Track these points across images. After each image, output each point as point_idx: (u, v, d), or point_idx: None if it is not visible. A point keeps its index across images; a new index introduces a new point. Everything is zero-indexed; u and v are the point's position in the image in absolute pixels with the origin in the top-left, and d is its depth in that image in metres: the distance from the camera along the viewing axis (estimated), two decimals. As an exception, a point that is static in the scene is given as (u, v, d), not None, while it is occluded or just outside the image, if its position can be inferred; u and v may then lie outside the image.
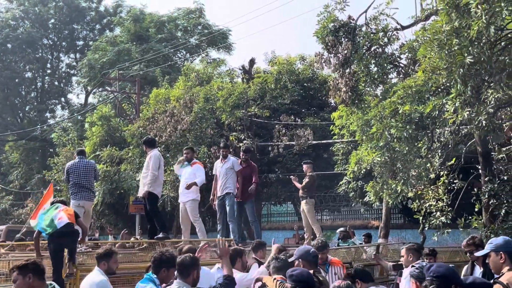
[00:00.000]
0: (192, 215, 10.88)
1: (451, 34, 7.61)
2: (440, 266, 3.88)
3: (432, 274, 3.78)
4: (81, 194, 9.84)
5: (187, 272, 5.02)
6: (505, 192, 11.98)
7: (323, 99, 23.48)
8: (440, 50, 7.72)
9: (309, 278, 4.44)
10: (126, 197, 23.91)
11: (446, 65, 7.90)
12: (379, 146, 10.93)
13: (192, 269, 5.02)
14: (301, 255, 5.36)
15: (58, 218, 7.93)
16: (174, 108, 18.10)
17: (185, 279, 5.01)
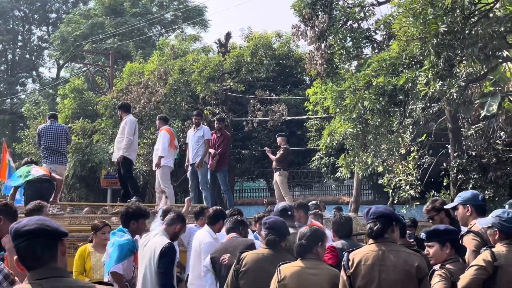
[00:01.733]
0: (162, 181, 10.84)
1: (426, 4, 7.72)
2: (379, 207, 3.97)
3: (373, 216, 3.86)
4: (52, 157, 9.74)
5: (172, 222, 5.16)
6: (473, 167, 12.29)
7: (298, 76, 23.59)
8: (415, 20, 7.83)
9: (282, 227, 4.50)
10: (98, 171, 23.69)
11: (420, 35, 8.02)
12: (352, 118, 11.08)
13: (177, 222, 5.17)
14: (275, 211, 5.46)
15: (34, 170, 7.98)
16: (148, 80, 17.97)
17: (168, 228, 5.17)
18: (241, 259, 4.53)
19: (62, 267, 2.55)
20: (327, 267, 4.08)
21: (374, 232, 3.79)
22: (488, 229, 4.17)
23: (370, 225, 3.82)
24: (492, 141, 13.03)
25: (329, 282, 3.93)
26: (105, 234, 6.56)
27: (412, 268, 3.67)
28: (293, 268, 4.01)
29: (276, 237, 4.44)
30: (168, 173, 11.07)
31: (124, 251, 5.56)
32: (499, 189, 12.04)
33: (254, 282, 4.20)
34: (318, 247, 4.10)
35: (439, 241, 4.15)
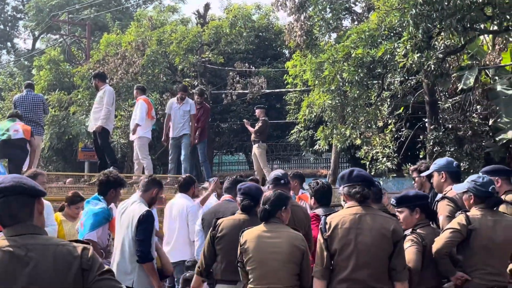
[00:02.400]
0: (140, 152, 10.79)
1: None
2: (361, 170, 3.99)
3: (357, 179, 3.88)
4: (28, 128, 9.56)
5: (148, 187, 5.13)
6: (449, 140, 12.45)
7: (278, 49, 23.47)
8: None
9: (257, 193, 4.49)
10: (75, 143, 23.45)
11: (399, 5, 8.01)
12: (330, 90, 11.10)
13: (153, 187, 5.14)
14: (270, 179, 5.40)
15: (14, 130, 7.83)
16: (126, 51, 17.70)
17: (144, 195, 5.14)
18: (217, 225, 4.56)
19: (39, 225, 2.52)
20: (288, 230, 4.10)
21: (363, 196, 3.81)
22: (464, 194, 4.24)
23: (356, 188, 3.83)
24: (468, 114, 13.19)
25: (288, 245, 3.96)
26: (79, 208, 6.54)
27: (388, 231, 3.72)
28: (255, 233, 4.06)
29: (250, 202, 4.47)
30: (146, 144, 11.01)
31: (99, 218, 5.52)
32: (474, 161, 12.23)
33: (230, 247, 4.23)
34: (282, 211, 4.14)
35: (409, 206, 4.23)
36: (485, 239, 3.98)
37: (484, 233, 3.99)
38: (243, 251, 4.06)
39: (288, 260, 3.95)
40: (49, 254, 2.42)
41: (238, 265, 4.13)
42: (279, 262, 3.94)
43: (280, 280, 3.94)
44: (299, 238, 4.05)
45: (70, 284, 2.43)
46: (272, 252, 3.96)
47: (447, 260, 3.97)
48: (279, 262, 3.94)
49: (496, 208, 4.18)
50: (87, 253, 2.49)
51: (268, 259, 3.96)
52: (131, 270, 4.97)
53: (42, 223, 2.58)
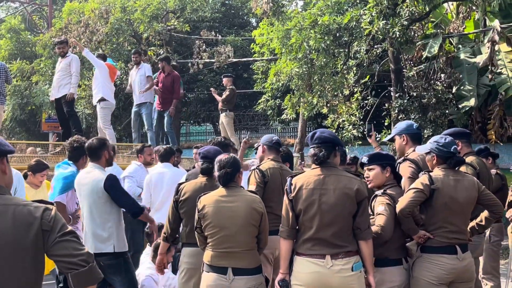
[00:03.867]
0: (103, 121, 10.62)
1: None
2: (324, 132, 3.99)
3: (318, 141, 3.90)
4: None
5: (97, 154, 5.03)
6: (413, 107, 12.62)
7: (244, 18, 23.26)
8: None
9: (215, 155, 4.49)
10: (39, 114, 22.99)
11: (365, -29, 8.01)
12: (297, 58, 11.09)
13: (101, 150, 5.03)
14: (263, 141, 5.43)
15: None
16: (89, 19, 17.28)
17: (98, 161, 5.03)
18: (180, 189, 4.61)
19: (2, 185, 2.46)
20: (246, 193, 4.14)
21: (320, 158, 3.85)
22: (426, 155, 4.31)
23: (315, 150, 3.87)
24: (432, 82, 13.37)
25: (247, 208, 4.01)
26: (43, 176, 6.47)
27: (351, 191, 3.77)
28: (213, 198, 4.08)
29: (209, 165, 4.49)
30: (109, 113, 10.83)
31: (68, 182, 5.50)
32: (438, 128, 12.44)
33: (193, 211, 4.24)
34: (240, 174, 4.19)
35: (381, 164, 4.28)
36: (447, 198, 4.07)
37: (446, 192, 4.07)
38: (201, 216, 4.07)
39: (247, 223, 4.00)
40: (9, 214, 2.37)
41: (196, 231, 4.15)
42: (238, 226, 3.98)
43: (239, 243, 4.00)
44: (257, 200, 4.11)
45: (29, 244, 2.39)
46: (230, 217, 4.00)
47: (410, 219, 4.05)
48: (238, 226, 3.98)
49: (457, 168, 4.27)
50: (48, 214, 2.44)
51: (227, 223, 4.00)
52: (109, 235, 4.92)
53: (6, 183, 2.52)
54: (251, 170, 5.32)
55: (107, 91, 10.41)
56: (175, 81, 11.65)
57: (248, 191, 4.25)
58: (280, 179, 5.04)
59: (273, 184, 5.02)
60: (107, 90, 10.40)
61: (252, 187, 4.92)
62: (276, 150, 5.34)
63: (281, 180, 4.99)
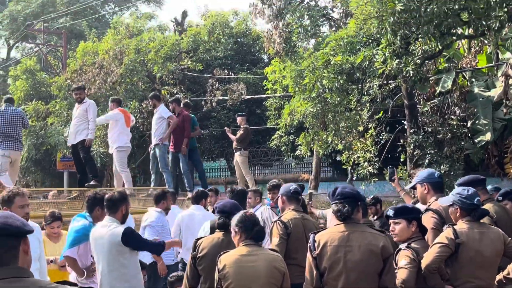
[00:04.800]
0: (119, 164, 10.69)
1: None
2: (345, 187, 3.96)
3: (340, 196, 3.86)
4: (6, 143, 9.35)
5: (115, 207, 5.02)
6: (429, 143, 12.56)
7: (256, 55, 23.49)
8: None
9: (232, 209, 4.45)
10: (54, 153, 23.19)
11: (377, 13, 8.07)
12: (311, 97, 11.11)
13: (120, 204, 5.02)
14: (282, 192, 5.39)
15: None
16: (103, 60, 17.54)
17: (114, 215, 5.02)
18: (197, 245, 4.59)
19: (24, 267, 2.41)
20: (267, 252, 4.04)
21: (344, 214, 3.81)
22: (450, 207, 4.26)
23: (338, 206, 3.84)
24: (447, 116, 13.34)
25: (268, 267, 3.89)
26: (54, 228, 6.45)
27: (377, 248, 3.72)
28: (233, 257, 3.95)
29: (226, 219, 4.46)
30: (125, 156, 10.90)
31: (79, 235, 5.47)
32: (454, 163, 12.37)
33: (211, 267, 4.17)
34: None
35: (406, 218, 4.21)
36: (472, 252, 4.00)
37: (471, 246, 4.01)
38: (221, 277, 3.93)
39: (268, 283, 3.88)
40: None
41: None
42: (260, 286, 3.88)
43: None
44: (278, 259, 4.01)
45: None
46: (252, 276, 3.89)
47: (436, 275, 3.98)
48: (260, 286, 3.88)
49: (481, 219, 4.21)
50: None
51: (248, 284, 3.88)
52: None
53: (28, 263, 2.45)
54: (272, 221, 5.28)
55: (122, 139, 10.53)
56: (185, 121, 11.73)
57: (270, 249, 4.19)
58: (303, 229, 5.00)
59: (296, 235, 4.96)
60: (123, 137, 10.54)
61: (275, 239, 4.87)
62: (296, 199, 5.30)
63: (304, 230, 4.94)
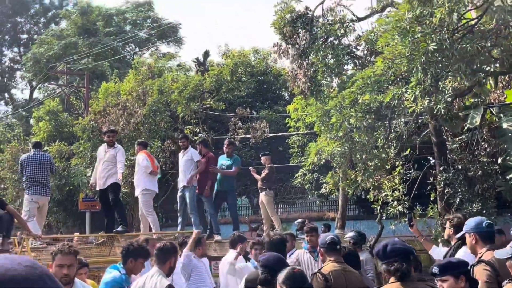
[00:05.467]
0: (144, 208, 10.61)
1: (413, 22, 7.66)
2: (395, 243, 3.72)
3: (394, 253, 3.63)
4: (34, 188, 9.40)
5: (164, 258, 4.92)
6: (459, 181, 12.24)
7: (277, 92, 23.50)
8: (403, 38, 7.75)
9: (276, 263, 4.28)
10: (76, 194, 23.24)
11: (408, 53, 7.95)
12: (338, 137, 10.96)
13: (170, 256, 4.92)
14: (319, 243, 5.25)
15: None
16: (126, 101, 17.66)
17: (162, 266, 4.91)
18: None
19: None
20: None
21: (404, 273, 3.61)
22: (508, 260, 4.02)
23: (395, 266, 3.63)
24: (476, 153, 13.03)
25: None
26: (81, 275, 6.32)
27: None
28: None
29: (268, 275, 4.26)
30: (150, 199, 10.83)
31: (107, 287, 5.34)
32: (487, 201, 12.01)
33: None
34: None
35: (453, 274, 3.97)
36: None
37: (533, 303, 3.76)
38: None
39: None
40: None
41: None
42: None
43: None
44: None
45: None
46: None
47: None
48: None
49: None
50: None
51: None
52: None
53: None
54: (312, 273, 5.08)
55: (147, 183, 10.47)
56: (210, 162, 11.65)
57: None
58: (344, 281, 4.78)
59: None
60: (148, 181, 10.47)
61: None
62: (334, 250, 5.11)
63: (346, 283, 4.73)
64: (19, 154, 27.68)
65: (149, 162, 10.54)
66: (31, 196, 9.32)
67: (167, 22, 36.28)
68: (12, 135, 30.00)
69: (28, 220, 8.87)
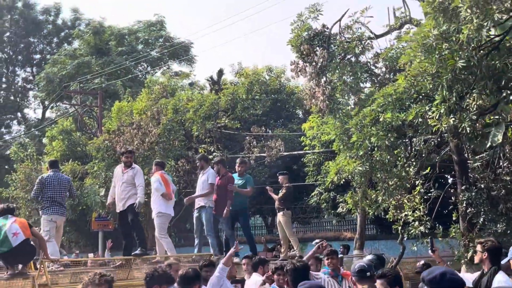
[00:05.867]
0: (158, 230, 10.42)
1: (440, 39, 7.49)
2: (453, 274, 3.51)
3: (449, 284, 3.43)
4: (53, 208, 9.38)
5: (189, 285, 4.72)
6: (482, 200, 11.94)
7: (291, 110, 23.34)
8: (429, 55, 7.57)
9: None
10: (89, 213, 23.14)
11: (434, 70, 7.77)
12: (359, 156, 10.74)
13: (193, 284, 4.73)
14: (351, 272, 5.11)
15: (14, 234, 7.35)
16: (140, 120, 17.58)
17: None
18: None
19: None
20: None
21: None
22: None
23: None
24: (499, 171, 12.75)
25: None
26: None
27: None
28: None
29: None
30: (165, 222, 10.64)
31: None
32: (511, 221, 11.71)
33: None
34: None
35: None
36: None
37: None
38: None
39: None
40: None
41: None
42: None
43: None
44: None
45: None
46: None
47: None
48: None
49: None
50: None
51: None
52: None
53: None
54: None
55: (161, 206, 10.31)
56: (229, 182, 11.44)
57: None
58: None
59: None
60: (161, 204, 10.31)
61: None
62: (365, 277, 4.94)
63: None
64: (32, 174, 27.70)
65: (162, 185, 10.35)
66: (50, 216, 9.29)
67: (179, 41, 36.40)
68: (25, 154, 30.05)
69: (49, 240, 8.77)
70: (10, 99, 46.17)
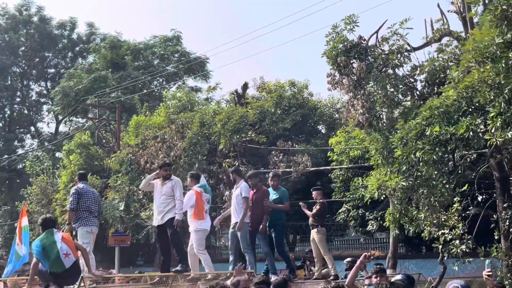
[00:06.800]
0: (197, 246, 10.05)
1: (503, 47, 7.14)
2: None
3: None
4: (92, 220, 9.24)
5: None
6: (526, 219, 11.51)
7: (314, 125, 22.98)
8: (495, 64, 7.21)
9: None
10: (107, 229, 22.78)
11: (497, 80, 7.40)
12: (401, 171, 10.33)
13: None
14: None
15: (65, 255, 7.11)
16: (165, 134, 17.29)
17: None
18: None
19: None
20: None
21: None
22: None
23: None
24: (541, 188, 12.32)
25: None
26: None
27: None
28: None
29: None
30: (203, 237, 10.29)
31: None
32: (556, 240, 11.26)
33: None
34: None
35: None
36: None
37: None
38: None
39: None
40: None
41: None
42: None
43: None
44: None
45: None
46: None
47: None
48: None
49: None
50: None
51: None
52: None
53: None
54: None
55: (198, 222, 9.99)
56: (265, 196, 11.08)
57: None
58: None
59: None
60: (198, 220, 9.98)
61: None
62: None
63: None
64: (48, 187, 27.45)
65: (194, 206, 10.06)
66: (89, 228, 9.16)
67: (195, 57, 36.28)
68: (41, 168, 29.79)
69: (90, 253, 8.51)
70: (24, 113, 46.13)
